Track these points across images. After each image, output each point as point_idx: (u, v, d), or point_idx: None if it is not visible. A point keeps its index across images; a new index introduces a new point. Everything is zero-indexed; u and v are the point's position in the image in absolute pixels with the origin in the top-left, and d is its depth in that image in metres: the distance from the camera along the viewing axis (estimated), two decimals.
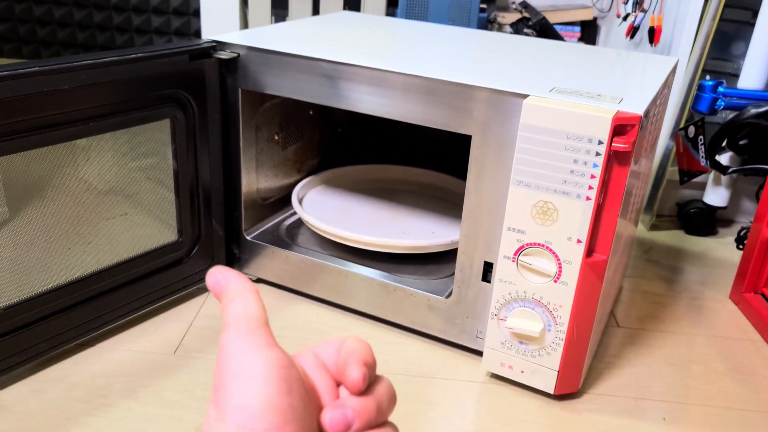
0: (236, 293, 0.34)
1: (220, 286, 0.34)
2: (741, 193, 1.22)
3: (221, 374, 0.31)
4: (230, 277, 0.35)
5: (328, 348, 0.36)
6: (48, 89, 0.62)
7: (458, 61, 0.77)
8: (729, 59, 1.19)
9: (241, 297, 0.33)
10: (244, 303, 0.33)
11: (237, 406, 0.29)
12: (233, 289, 0.34)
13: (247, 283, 0.34)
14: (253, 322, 0.32)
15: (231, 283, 0.34)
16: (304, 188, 0.98)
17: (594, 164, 0.61)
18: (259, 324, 0.32)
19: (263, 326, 0.32)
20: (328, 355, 0.36)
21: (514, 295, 0.69)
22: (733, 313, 0.94)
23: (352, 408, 0.33)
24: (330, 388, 0.34)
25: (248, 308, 0.33)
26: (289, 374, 0.31)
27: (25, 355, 0.69)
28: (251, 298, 0.33)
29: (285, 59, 0.75)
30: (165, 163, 0.78)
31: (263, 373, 0.30)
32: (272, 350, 0.31)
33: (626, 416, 0.71)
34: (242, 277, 0.34)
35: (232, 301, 0.33)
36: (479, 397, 0.73)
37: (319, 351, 0.36)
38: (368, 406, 0.34)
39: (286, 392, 0.30)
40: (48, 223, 0.68)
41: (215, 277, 0.35)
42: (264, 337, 0.32)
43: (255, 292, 0.34)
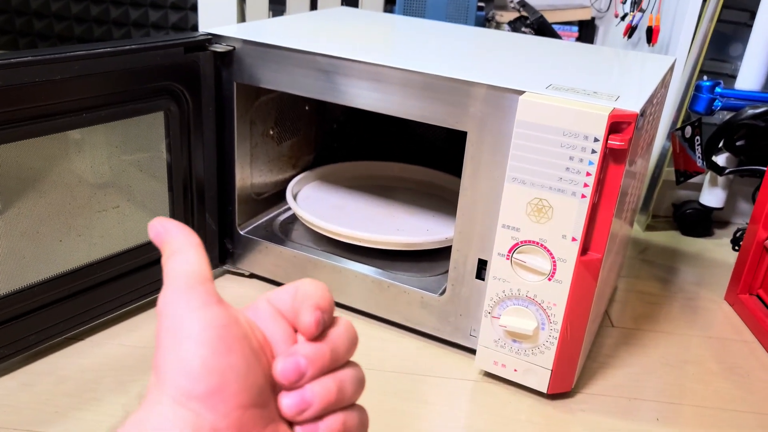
0: (176, 248, 0.32)
1: (161, 238, 0.32)
2: (737, 195, 1.22)
3: (158, 336, 0.29)
4: (170, 229, 0.33)
5: (282, 294, 0.34)
6: (40, 79, 0.62)
7: (455, 58, 0.76)
8: (727, 60, 1.19)
9: (180, 252, 0.31)
10: (183, 259, 0.31)
11: (174, 369, 0.28)
12: (173, 243, 0.32)
13: (188, 236, 0.32)
14: (192, 280, 0.30)
15: (171, 236, 0.32)
16: (298, 184, 0.98)
17: (590, 162, 0.60)
18: (197, 281, 0.30)
19: (202, 283, 0.30)
20: (283, 302, 0.34)
21: (508, 293, 0.69)
22: (728, 314, 0.93)
23: (305, 355, 0.31)
24: (287, 336, 0.33)
25: (187, 264, 0.31)
26: (227, 333, 0.29)
27: (14, 348, 0.68)
28: (191, 253, 0.31)
29: (281, 53, 0.75)
30: (158, 157, 0.77)
31: (198, 334, 0.29)
32: (209, 309, 0.29)
33: (619, 416, 0.71)
34: (184, 230, 0.33)
35: (170, 257, 0.31)
36: (472, 395, 0.72)
37: (274, 298, 0.34)
38: (322, 351, 0.32)
39: (224, 352, 0.29)
40: (40, 216, 0.68)
41: (155, 229, 0.33)
42: (201, 296, 0.30)
43: (196, 246, 0.32)
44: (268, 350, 0.32)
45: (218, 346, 0.28)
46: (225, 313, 0.30)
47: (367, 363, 0.76)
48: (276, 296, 0.34)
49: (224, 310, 0.30)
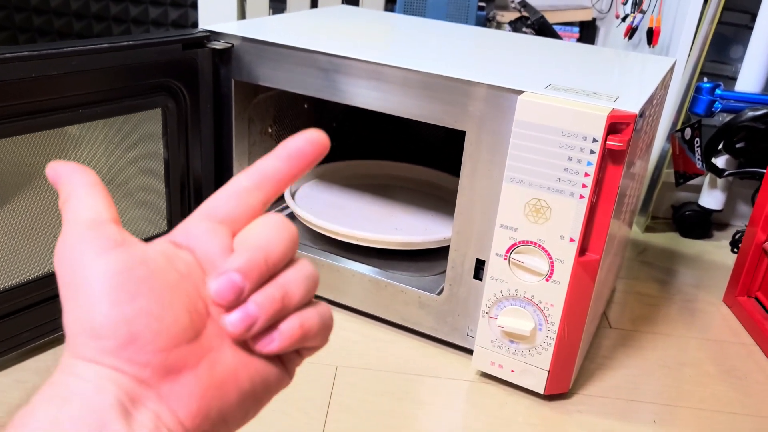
0: (70, 191, 0.29)
1: (56, 183, 0.30)
2: (737, 197, 1.21)
3: (60, 293, 0.27)
4: (62, 173, 0.30)
5: (221, 199, 0.30)
6: (36, 75, 0.61)
7: (455, 57, 0.76)
8: (727, 62, 1.19)
9: (74, 196, 0.29)
10: (77, 203, 0.28)
11: (79, 328, 0.26)
12: (67, 186, 0.29)
13: (82, 176, 0.29)
14: (87, 225, 0.27)
15: (64, 179, 0.29)
16: (296, 182, 0.97)
17: (588, 162, 0.60)
18: (93, 226, 0.27)
19: (98, 227, 0.27)
20: (221, 208, 0.30)
21: (506, 294, 0.68)
22: (727, 316, 0.93)
23: (238, 269, 0.27)
24: (225, 247, 0.29)
25: (82, 209, 0.28)
26: (129, 277, 0.26)
27: (9, 345, 0.68)
28: (85, 195, 0.29)
29: (280, 51, 0.74)
30: (156, 154, 0.77)
31: (95, 286, 0.26)
32: (107, 255, 0.26)
33: (616, 418, 0.71)
34: (77, 170, 0.30)
35: (65, 202, 0.29)
36: (468, 396, 0.72)
37: (210, 208, 0.30)
38: (257, 260, 0.28)
39: (127, 299, 0.26)
40: (35, 212, 0.67)
41: (50, 173, 0.30)
42: (97, 242, 0.27)
43: (91, 186, 0.29)
44: (197, 274, 0.28)
45: (119, 295, 0.26)
46: (125, 256, 0.27)
47: (364, 363, 0.75)
48: (214, 204, 0.30)
49: (124, 252, 0.27)
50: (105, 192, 0.29)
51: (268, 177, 0.31)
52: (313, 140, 0.32)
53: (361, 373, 0.74)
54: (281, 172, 0.31)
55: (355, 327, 0.82)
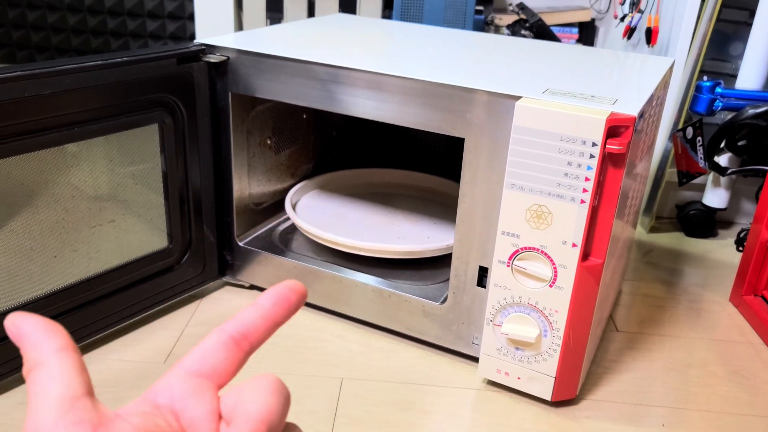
0: (36, 358, 0.26)
1: (22, 341, 0.26)
2: (740, 195, 1.20)
3: None
4: (25, 333, 0.26)
5: (201, 354, 0.29)
6: (30, 94, 0.61)
7: (452, 64, 0.75)
8: (727, 60, 1.18)
9: (41, 365, 0.25)
10: (47, 373, 0.25)
11: None
12: (31, 351, 0.26)
13: (48, 337, 0.26)
14: (63, 402, 0.25)
15: (26, 342, 0.26)
16: (297, 193, 0.97)
17: (588, 167, 0.59)
18: (69, 404, 0.25)
19: (76, 405, 0.25)
20: (213, 363, 0.29)
21: (510, 300, 0.68)
22: (733, 315, 0.92)
23: None
24: (210, 412, 0.28)
25: (54, 380, 0.25)
26: None
27: (10, 366, 0.68)
28: (57, 363, 0.25)
29: (276, 62, 0.74)
30: (154, 169, 0.77)
31: None
32: None
33: (625, 423, 0.70)
34: (41, 329, 0.26)
35: (30, 372, 0.26)
36: (475, 404, 0.71)
37: (192, 364, 0.29)
38: None
39: None
40: (33, 232, 0.67)
41: (15, 326, 0.26)
42: (76, 426, 0.24)
43: (63, 349, 0.26)
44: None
45: None
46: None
47: (369, 374, 0.75)
48: (199, 356, 0.29)
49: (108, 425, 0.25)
50: (77, 356, 0.26)
51: (254, 326, 0.30)
52: (296, 288, 0.31)
53: (366, 385, 0.73)
54: (267, 321, 0.30)
55: (359, 338, 0.81)
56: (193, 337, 0.79)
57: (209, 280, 0.87)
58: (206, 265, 0.85)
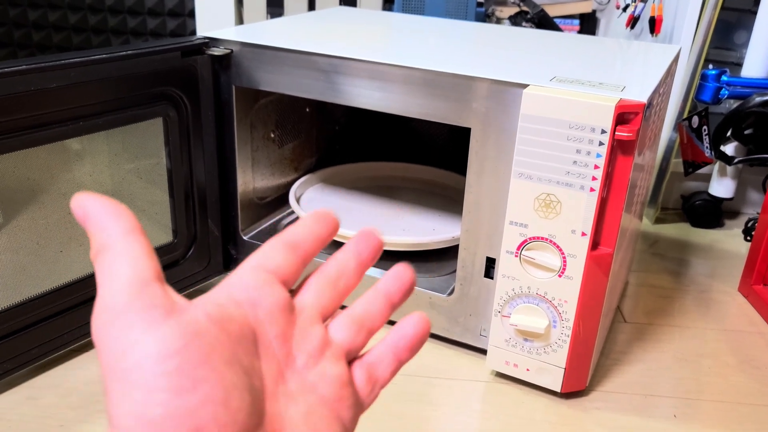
0: (105, 241, 0.24)
1: (89, 222, 0.25)
2: (747, 184, 1.20)
3: (104, 376, 0.23)
4: (93, 214, 0.25)
5: (278, 255, 0.30)
6: (36, 88, 0.61)
7: (456, 53, 0.75)
8: (731, 48, 1.18)
9: (110, 248, 0.24)
10: (115, 258, 0.24)
11: (132, 423, 0.22)
12: (100, 234, 0.25)
13: (118, 220, 0.25)
14: (133, 286, 0.23)
15: (95, 224, 0.25)
16: (301, 187, 0.97)
17: (597, 154, 0.59)
18: (139, 288, 0.23)
19: (143, 291, 0.23)
20: (277, 262, 0.29)
21: (518, 291, 0.67)
22: (743, 305, 0.92)
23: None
24: (283, 304, 0.28)
25: (122, 265, 0.24)
26: (189, 358, 0.23)
27: (18, 362, 0.67)
28: (124, 247, 0.24)
29: (279, 54, 0.74)
30: (158, 163, 0.76)
31: (151, 373, 0.22)
32: (158, 329, 0.23)
33: (636, 414, 0.69)
34: (111, 212, 0.25)
35: (99, 255, 0.24)
36: (484, 396, 0.71)
37: (265, 259, 0.29)
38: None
39: (190, 387, 0.22)
40: (39, 227, 0.67)
41: (81, 207, 0.25)
42: (146, 311, 0.23)
43: (132, 232, 0.25)
44: (249, 338, 0.26)
45: (179, 382, 0.22)
46: (177, 330, 0.23)
47: None
48: (263, 255, 0.29)
49: (176, 324, 0.23)
50: (145, 240, 0.25)
51: (302, 237, 0.32)
52: (327, 216, 0.34)
53: None
54: (312, 234, 0.32)
55: None
56: None
57: (214, 275, 0.87)
58: (211, 260, 0.85)
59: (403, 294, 0.33)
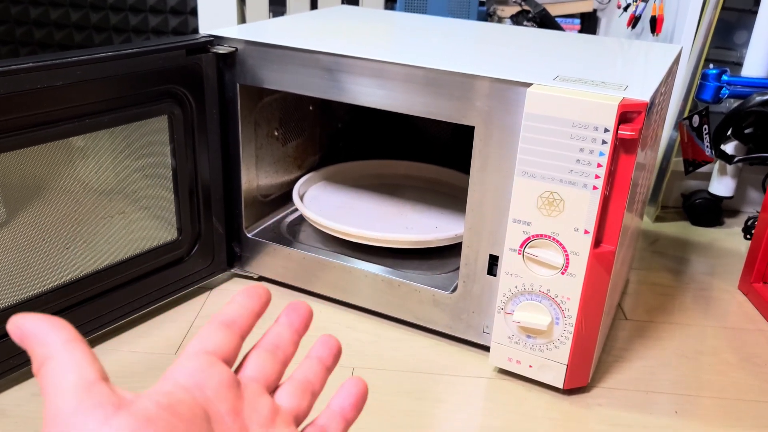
0: (45, 352, 0.25)
1: (23, 344, 0.26)
2: (747, 183, 1.20)
3: None
4: (30, 332, 0.26)
5: (212, 332, 0.31)
6: (42, 86, 0.61)
7: (460, 52, 0.75)
8: (732, 48, 1.18)
9: (52, 357, 0.25)
10: (58, 363, 0.25)
11: None
12: (39, 347, 0.26)
13: (60, 331, 0.26)
14: (80, 387, 0.24)
15: (33, 340, 0.26)
16: (305, 184, 0.97)
17: (600, 153, 0.59)
18: (86, 388, 0.24)
19: (93, 388, 0.24)
20: (215, 342, 0.31)
21: (521, 288, 0.68)
22: (743, 303, 0.92)
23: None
24: (227, 381, 0.29)
25: (66, 369, 0.25)
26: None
27: (23, 358, 0.68)
28: (67, 353, 0.25)
29: (283, 53, 0.74)
30: (163, 161, 0.77)
31: None
32: (113, 422, 0.24)
33: (637, 410, 0.70)
34: (54, 326, 0.26)
35: (41, 366, 0.25)
36: (487, 393, 0.72)
37: (204, 341, 0.31)
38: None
39: None
40: (45, 224, 0.67)
41: (13, 333, 0.26)
42: (97, 408, 0.24)
43: (71, 340, 0.26)
44: (200, 416, 0.27)
45: None
46: (130, 420, 0.24)
47: (379, 363, 0.75)
48: (197, 343, 0.31)
49: (128, 415, 0.24)
50: (85, 346, 0.26)
51: (239, 315, 0.33)
52: (259, 290, 0.35)
53: (377, 374, 0.73)
54: (246, 310, 0.34)
55: (369, 328, 0.81)
56: None
57: (218, 272, 0.87)
58: (215, 257, 0.85)
59: (334, 358, 0.37)
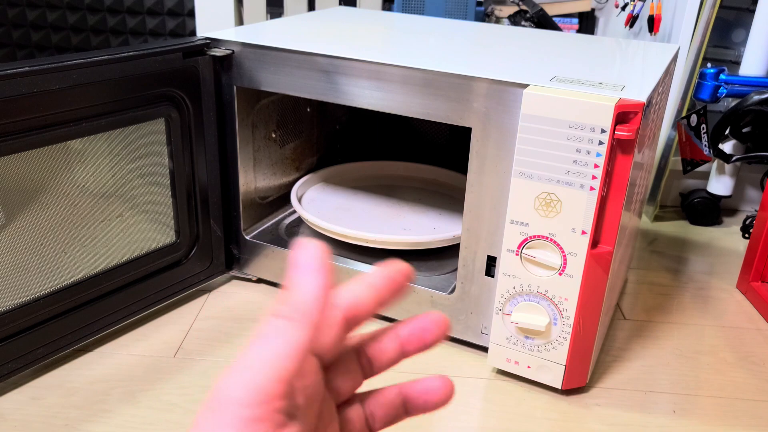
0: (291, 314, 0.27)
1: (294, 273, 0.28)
2: (745, 182, 1.20)
3: None
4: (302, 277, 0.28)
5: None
6: (38, 90, 0.61)
7: (456, 53, 0.75)
8: (730, 47, 1.18)
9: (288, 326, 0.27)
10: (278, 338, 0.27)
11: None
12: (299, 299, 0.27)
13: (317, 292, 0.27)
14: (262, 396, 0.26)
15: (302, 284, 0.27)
16: (303, 186, 0.97)
17: (597, 153, 0.59)
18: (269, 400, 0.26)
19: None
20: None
21: (519, 289, 0.68)
22: (741, 302, 0.92)
23: None
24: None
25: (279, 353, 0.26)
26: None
27: (23, 362, 0.68)
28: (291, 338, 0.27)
29: (280, 55, 0.74)
30: (160, 164, 0.77)
31: None
32: None
33: (636, 410, 0.70)
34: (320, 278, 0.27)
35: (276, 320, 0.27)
36: (485, 394, 0.72)
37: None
38: None
39: None
40: (43, 228, 0.67)
41: (296, 260, 0.28)
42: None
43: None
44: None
45: None
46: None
47: None
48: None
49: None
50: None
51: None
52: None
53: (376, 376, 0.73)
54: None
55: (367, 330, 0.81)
56: (201, 331, 0.79)
57: (217, 274, 0.87)
58: (213, 260, 0.85)
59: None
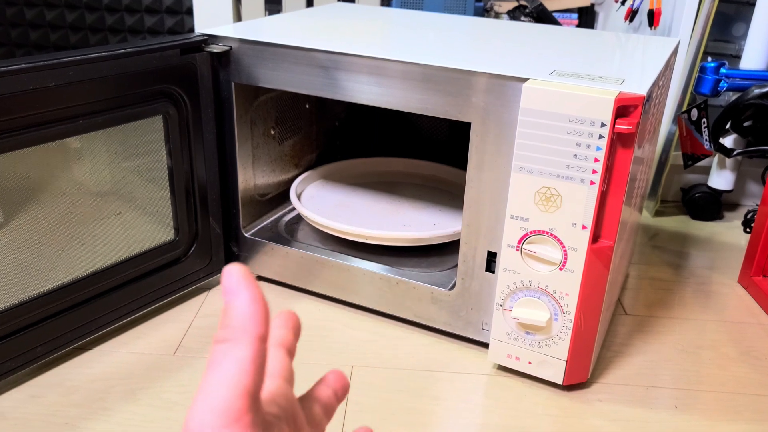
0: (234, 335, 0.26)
1: (227, 298, 0.27)
2: (746, 176, 1.20)
3: None
4: (236, 301, 0.26)
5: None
6: (34, 87, 0.61)
7: (455, 48, 0.75)
8: (730, 40, 1.18)
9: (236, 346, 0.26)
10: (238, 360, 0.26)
11: None
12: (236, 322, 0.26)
13: (255, 318, 0.26)
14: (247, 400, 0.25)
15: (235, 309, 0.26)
16: (302, 183, 0.97)
17: (597, 147, 0.59)
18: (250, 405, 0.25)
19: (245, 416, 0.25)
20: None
21: (519, 285, 0.67)
22: (742, 297, 0.92)
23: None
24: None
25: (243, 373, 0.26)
26: None
27: (22, 360, 0.68)
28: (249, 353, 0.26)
29: (278, 51, 0.74)
30: (159, 161, 0.76)
31: None
32: None
33: (637, 405, 0.70)
34: (255, 303, 0.26)
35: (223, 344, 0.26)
36: (486, 390, 0.71)
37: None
38: None
39: None
40: (41, 226, 0.67)
41: (226, 284, 0.27)
42: None
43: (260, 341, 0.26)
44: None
45: None
46: None
47: (379, 361, 0.75)
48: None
49: None
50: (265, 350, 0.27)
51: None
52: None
53: (377, 372, 0.73)
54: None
55: (367, 326, 0.81)
56: (201, 329, 0.79)
57: (216, 272, 0.87)
58: (213, 257, 0.85)
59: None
